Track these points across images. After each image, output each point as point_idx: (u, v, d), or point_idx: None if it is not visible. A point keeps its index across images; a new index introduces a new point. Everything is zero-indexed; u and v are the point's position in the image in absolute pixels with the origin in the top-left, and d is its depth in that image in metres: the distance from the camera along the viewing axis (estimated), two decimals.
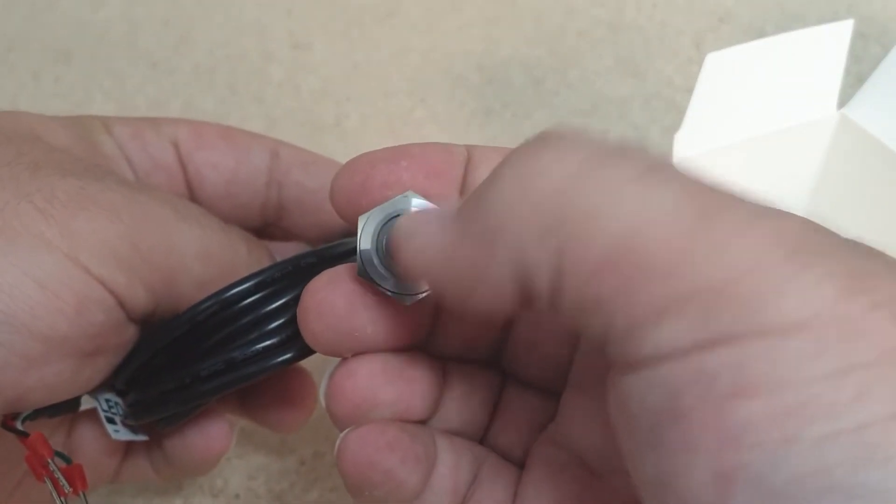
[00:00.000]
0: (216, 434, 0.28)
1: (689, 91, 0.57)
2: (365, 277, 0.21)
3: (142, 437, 0.27)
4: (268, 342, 0.24)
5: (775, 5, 0.68)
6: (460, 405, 0.22)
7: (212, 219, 0.24)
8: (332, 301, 0.20)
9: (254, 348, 0.23)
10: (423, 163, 0.20)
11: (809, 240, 0.13)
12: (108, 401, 0.25)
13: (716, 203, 0.13)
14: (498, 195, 0.15)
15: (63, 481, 0.22)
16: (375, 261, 0.21)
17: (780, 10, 0.68)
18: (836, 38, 0.38)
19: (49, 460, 0.22)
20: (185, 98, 0.56)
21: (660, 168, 0.14)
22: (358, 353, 0.21)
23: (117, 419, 0.26)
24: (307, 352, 0.24)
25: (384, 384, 0.21)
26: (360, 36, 0.62)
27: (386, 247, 0.21)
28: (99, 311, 0.21)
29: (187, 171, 0.28)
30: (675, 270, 0.12)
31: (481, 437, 0.23)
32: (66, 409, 0.25)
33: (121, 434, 0.26)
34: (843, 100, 0.40)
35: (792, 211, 0.14)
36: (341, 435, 0.21)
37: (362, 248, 0.21)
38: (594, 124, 0.54)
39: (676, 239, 0.12)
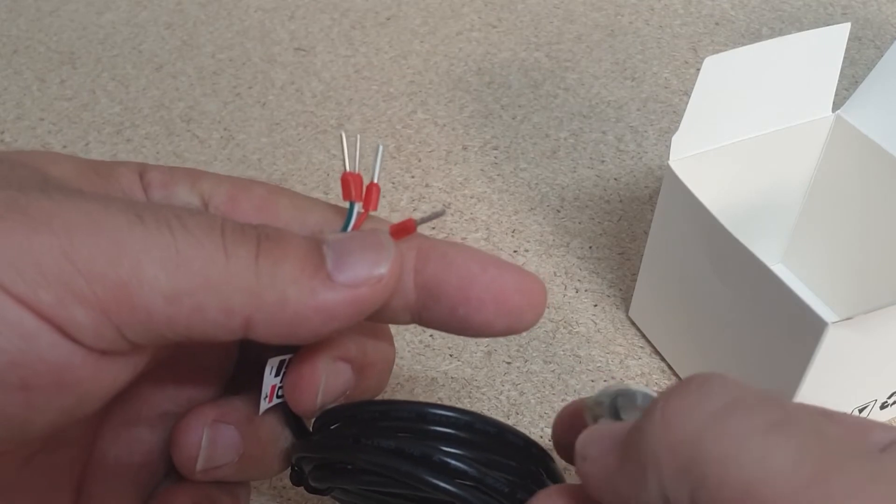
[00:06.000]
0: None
1: (686, 94, 0.58)
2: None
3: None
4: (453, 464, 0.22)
5: (771, 9, 0.69)
6: None
7: (191, 220, 0.21)
8: None
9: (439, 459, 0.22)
10: None
11: None
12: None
13: (832, 464, 0.15)
14: (647, 435, 0.18)
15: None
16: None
17: (776, 14, 0.68)
18: (832, 41, 0.38)
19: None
20: (189, 101, 0.56)
21: (788, 422, 0.16)
22: None
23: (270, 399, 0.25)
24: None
25: None
26: (361, 40, 0.63)
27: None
28: (16, 337, 0.18)
29: None
30: None
31: None
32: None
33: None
34: (839, 102, 0.40)
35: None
36: None
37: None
38: (592, 126, 0.55)
39: (790, 496, 0.15)
